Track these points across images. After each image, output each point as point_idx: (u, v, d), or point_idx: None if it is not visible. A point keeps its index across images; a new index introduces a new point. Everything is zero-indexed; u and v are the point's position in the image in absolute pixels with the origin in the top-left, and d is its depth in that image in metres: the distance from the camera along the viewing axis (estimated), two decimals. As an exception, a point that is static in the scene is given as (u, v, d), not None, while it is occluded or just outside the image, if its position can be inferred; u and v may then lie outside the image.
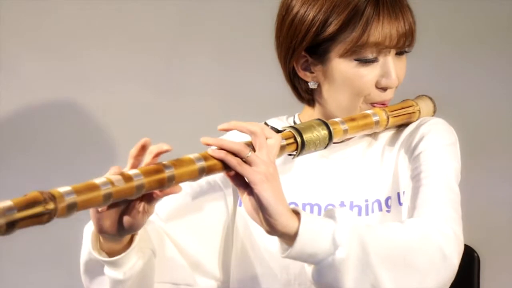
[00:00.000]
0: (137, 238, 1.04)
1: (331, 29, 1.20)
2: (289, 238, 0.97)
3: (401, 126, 1.31)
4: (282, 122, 1.34)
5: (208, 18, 2.58)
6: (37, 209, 0.86)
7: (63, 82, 2.55)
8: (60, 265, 2.47)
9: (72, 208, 0.89)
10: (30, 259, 2.51)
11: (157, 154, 0.97)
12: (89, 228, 1.05)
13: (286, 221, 0.96)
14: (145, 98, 2.56)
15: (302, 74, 1.27)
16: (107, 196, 0.91)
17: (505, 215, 2.73)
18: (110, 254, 1.05)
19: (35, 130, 2.54)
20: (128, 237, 1.03)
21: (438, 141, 1.21)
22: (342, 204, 1.19)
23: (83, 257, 1.09)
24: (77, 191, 0.89)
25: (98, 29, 2.54)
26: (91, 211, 0.99)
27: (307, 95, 1.29)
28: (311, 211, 1.20)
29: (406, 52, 1.26)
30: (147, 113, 2.57)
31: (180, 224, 1.15)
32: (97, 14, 2.54)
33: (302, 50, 1.23)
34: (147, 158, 0.97)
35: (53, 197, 0.87)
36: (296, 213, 1.00)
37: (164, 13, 2.56)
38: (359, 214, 1.17)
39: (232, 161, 0.96)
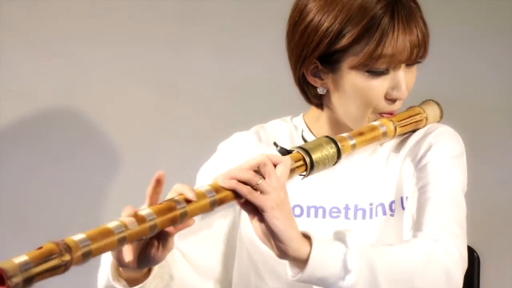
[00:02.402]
0: (156, 267, 1.04)
1: (345, 41, 1.18)
2: (300, 262, 0.98)
3: (408, 133, 1.30)
4: (287, 123, 1.34)
5: (208, 16, 2.58)
6: (54, 262, 0.85)
7: (63, 81, 2.55)
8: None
9: (87, 255, 0.89)
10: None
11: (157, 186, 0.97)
12: (108, 256, 1.04)
13: (297, 246, 0.97)
14: (145, 97, 2.56)
15: (311, 80, 1.26)
16: (122, 240, 0.91)
17: (505, 215, 2.73)
18: (129, 281, 1.05)
19: (34, 129, 2.54)
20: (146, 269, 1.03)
21: (445, 152, 1.22)
22: (346, 207, 1.21)
23: (101, 283, 1.09)
24: (92, 239, 0.89)
25: (98, 28, 2.54)
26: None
27: (316, 100, 1.28)
28: (316, 214, 1.22)
29: (418, 62, 1.24)
30: (148, 112, 2.56)
31: (186, 233, 1.10)
32: (97, 13, 2.54)
33: (314, 58, 1.22)
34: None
35: (68, 248, 0.87)
36: (307, 237, 1.00)
37: (165, 12, 2.56)
38: (363, 217, 1.19)
39: (243, 190, 0.96)
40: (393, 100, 1.23)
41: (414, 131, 1.27)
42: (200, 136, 2.42)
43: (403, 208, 1.21)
